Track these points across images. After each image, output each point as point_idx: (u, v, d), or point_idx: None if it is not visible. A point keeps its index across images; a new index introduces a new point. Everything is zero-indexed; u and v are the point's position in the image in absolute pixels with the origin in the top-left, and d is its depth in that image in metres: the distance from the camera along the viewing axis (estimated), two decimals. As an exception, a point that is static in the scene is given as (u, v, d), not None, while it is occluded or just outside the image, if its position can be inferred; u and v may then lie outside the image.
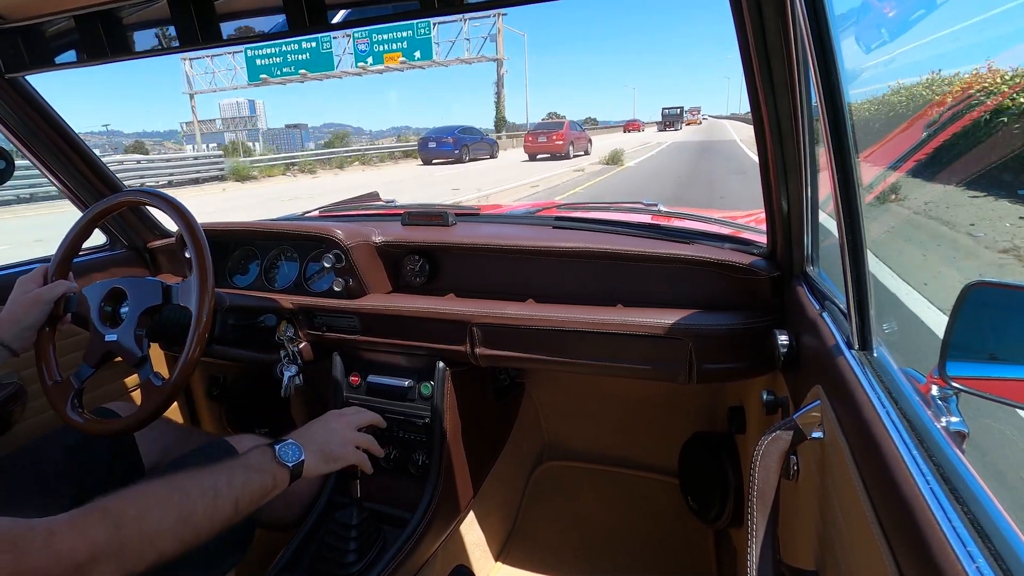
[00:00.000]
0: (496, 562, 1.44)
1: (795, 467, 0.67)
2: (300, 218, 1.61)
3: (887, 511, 0.42)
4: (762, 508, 0.63)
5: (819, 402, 0.62)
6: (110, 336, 0.93)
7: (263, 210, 9.86)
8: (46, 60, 1.09)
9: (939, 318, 2.17)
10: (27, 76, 1.16)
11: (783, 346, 0.82)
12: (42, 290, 0.94)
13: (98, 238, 1.45)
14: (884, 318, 0.64)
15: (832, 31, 0.56)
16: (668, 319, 0.97)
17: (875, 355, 0.60)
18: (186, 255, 1.30)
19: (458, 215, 1.33)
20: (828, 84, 0.57)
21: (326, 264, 1.20)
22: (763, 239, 1.01)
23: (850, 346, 0.62)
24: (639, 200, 1.47)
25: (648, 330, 0.97)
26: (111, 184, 1.38)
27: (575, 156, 19.09)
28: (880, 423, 0.47)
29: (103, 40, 1.01)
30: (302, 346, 1.25)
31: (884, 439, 0.45)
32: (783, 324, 0.91)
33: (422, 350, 1.17)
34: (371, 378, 1.23)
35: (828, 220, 0.74)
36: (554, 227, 1.22)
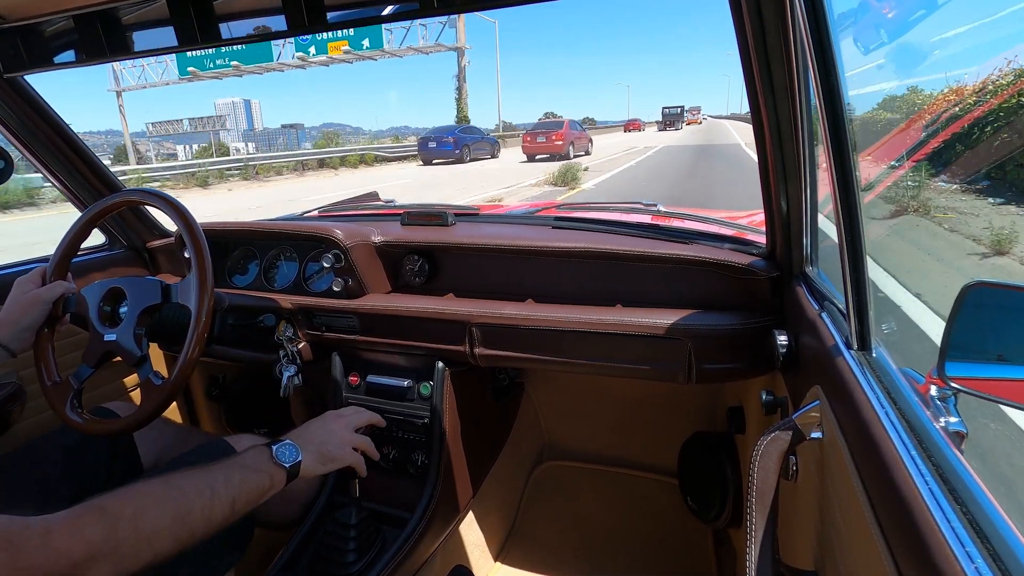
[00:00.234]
0: (495, 562, 1.44)
1: (794, 467, 0.67)
2: (299, 218, 1.61)
3: (886, 511, 0.42)
4: (761, 508, 0.63)
5: (818, 402, 0.62)
6: (109, 336, 0.93)
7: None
8: (45, 60, 1.09)
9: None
10: (26, 76, 1.16)
11: (782, 346, 0.82)
12: (40, 290, 0.94)
13: (97, 238, 1.45)
14: (883, 319, 0.64)
15: (832, 34, 0.57)
16: (667, 319, 0.97)
17: (874, 355, 0.60)
18: (185, 255, 1.30)
19: (457, 215, 1.33)
20: (828, 86, 0.57)
21: (325, 264, 1.20)
22: (762, 239, 1.01)
23: (849, 346, 0.62)
24: (638, 200, 1.48)
25: (647, 330, 0.97)
26: (110, 184, 1.38)
27: (575, 156, 18.72)
28: (879, 423, 0.47)
29: (102, 40, 1.01)
30: (301, 346, 1.25)
31: (883, 439, 0.45)
32: (782, 324, 0.91)
33: (421, 350, 1.17)
34: (370, 378, 1.23)
35: (827, 222, 0.74)
36: (553, 227, 1.22)
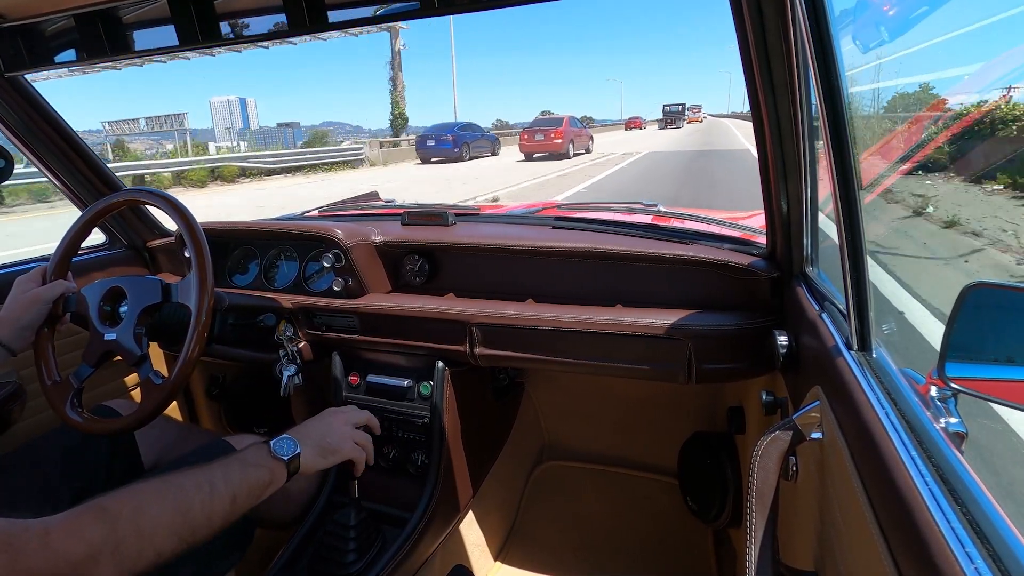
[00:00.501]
0: (495, 562, 1.44)
1: (794, 467, 0.67)
2: (300, 217, 1.61)
3: (886, 512, 0.42)
4: (761, 508, 0.63)
5: (818, 403, 0.62)
6: (109, 335, 0.93)
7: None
8: (46, 59, 1.09)
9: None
10: (26, 75, 1.17)
11: (782, 347, 0.82)
12: (41, 290, 0.94)
13: (97, 237, 1.45)
14: (883, 319, 0.64)
15: (832, 32, 0.57)
16: (667, 319, 0.97)
17: (874, 356, 0.60)
18: (185, 254, 1.30)
19: (458, 215, 1.33)
20: (828, 85, 0.57)
21: (325, 264, 1.20)
22: (763, 240, 1.01)
23: (849, 347, 0.62)
24: (638, 200, 1.48)
25: (647, 330, 0.97)
26: (110, 183, 1.38)
27: (576, 155, 18.43)
28: (879, 424, 0.47)
29: (103, 39, 1.01)
30: (301, 345, 1.25)
31: (883, 440, 0.45)
32: (782, 325, 0.91)
33: (421, 350, 1.17)
34: (370, 378, 1.23)
35: (827, 222, 0.74)
36: (554, 227, 1.22)
